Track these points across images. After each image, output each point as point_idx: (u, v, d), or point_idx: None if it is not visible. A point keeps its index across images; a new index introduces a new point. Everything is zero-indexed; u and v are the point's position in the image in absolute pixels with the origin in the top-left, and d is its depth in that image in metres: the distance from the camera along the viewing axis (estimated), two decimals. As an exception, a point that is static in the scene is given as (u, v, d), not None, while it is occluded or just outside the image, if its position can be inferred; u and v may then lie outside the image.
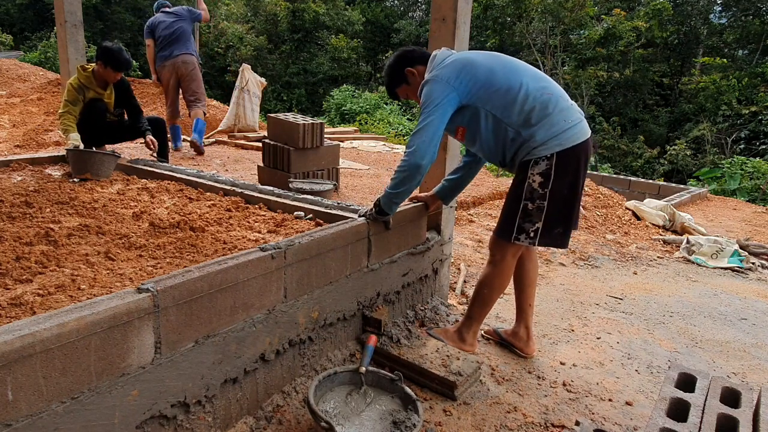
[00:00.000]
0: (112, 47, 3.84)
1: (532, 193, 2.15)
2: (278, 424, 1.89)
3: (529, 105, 2.09)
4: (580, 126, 2.15)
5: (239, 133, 7.65)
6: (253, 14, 23.22)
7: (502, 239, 2.29)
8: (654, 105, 19.50)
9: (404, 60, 2.34)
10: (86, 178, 3.39)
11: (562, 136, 2.10)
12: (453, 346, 2.41)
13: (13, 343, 1.19)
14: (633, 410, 2.19)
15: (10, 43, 18.67)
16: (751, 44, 18.61)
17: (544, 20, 17.44)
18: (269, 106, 20.09)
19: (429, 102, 2.11)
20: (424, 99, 2.14)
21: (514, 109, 2.11)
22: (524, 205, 2.17)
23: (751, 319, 3.22)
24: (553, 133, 2.10)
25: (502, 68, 2.16)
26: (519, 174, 2.20)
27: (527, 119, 2.10)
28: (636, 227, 5.33)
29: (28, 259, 2.01)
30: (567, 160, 2.11)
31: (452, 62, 2.17)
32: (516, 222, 2.20)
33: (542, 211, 2.15)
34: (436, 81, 2.13)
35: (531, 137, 2.11)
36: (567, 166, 2.11)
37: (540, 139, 2.10)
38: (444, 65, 2.18)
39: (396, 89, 2.41)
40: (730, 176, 10.29)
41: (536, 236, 2.19)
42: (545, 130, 2.10)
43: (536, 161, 2.12)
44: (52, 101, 8.28)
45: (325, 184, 4.62)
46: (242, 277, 1.73)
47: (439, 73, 2.15)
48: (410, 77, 2.34)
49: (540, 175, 2.12)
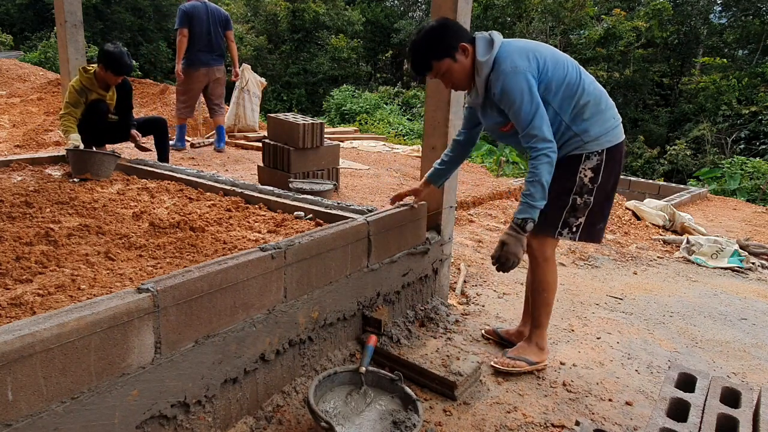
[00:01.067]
0: (114, 51, 3.78)
1: (582, 188, 2.17)
2: (278, 424, 1.89)
3: (584, 99, 2.11)
4: (621, 125, 2.23)
5: (239, 133, 7.65)
6: (253, 14, 23.23)
7: (545, 235, 2.25)
8: (654, 105, 19.51)
9: (458, 32, 2.12)
10: (86, 178, 3.39)
11: (612, 132, 2.16)
12: (538, 359, 2.37)
13: (13, 343, 1.19)
14: (633, 410, 2.19)
15: (10, 43, 18.68)
16: (751, 44, 18.62)
17: (544, 20, 17.45)
18: (269, 106, 20.09)
19: (525, 95, 2.00)
20: (515, 93, 2.01)
21: (572, 102, 2.11)
22: (573, 200, 2.19)
23: (751, 319, 3.22)
24: (606, 129, 2.14)
25: (564, 58, 2.15)
26: (566, 167, 2.16)
27: (580, 113, 2.11)
28: (636, 227, 5.33)
29: (28, 259, 2.01)
30: (615, 156, 2.16)
31: (518, 50, 2.08)
32: (563, 216, 2.20)
33: (588, 206, 2.19)
34: (519, 73, 2.02)
35: (585, 132, 2.12)
36: (614, 162, 2.17)
37: (594, 134, 2.12)
38: (510, 52, 2.06)
39: (436, 62, 2.12)
40: (730, 176, 10.30)
41: (578, 231, 2.23)
42: (599, 126, 2.13)
43: (588, 156, 2.14)
44: (52, 101, 8.28)
45: (325, 184, 4.62)
46: (242, 277, 1.73)
47: (517, 63, 2.03)
48: (460, 54, 2.10)
49: (591, 170, 2.15)
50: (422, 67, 2.17)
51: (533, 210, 2.05)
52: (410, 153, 8.41)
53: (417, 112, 16.63)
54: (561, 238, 2.25)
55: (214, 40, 6.11)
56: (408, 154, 8.27)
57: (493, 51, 2.07)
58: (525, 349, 2.40)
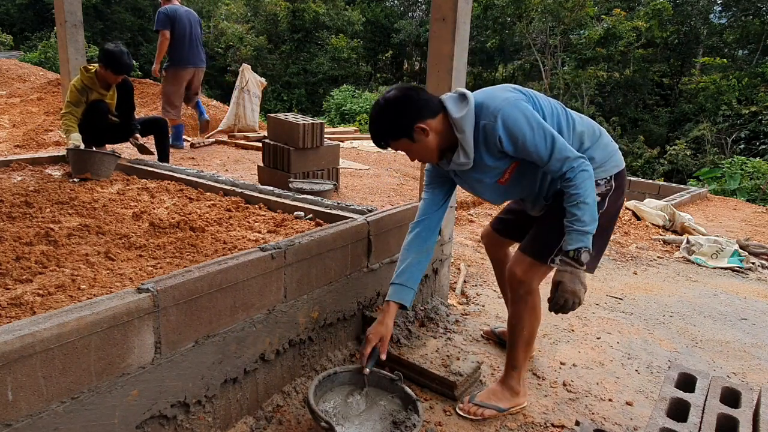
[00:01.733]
0: (114, 50, 3.80)
1: None
2: (278, 424, 1.89)
3: (579, 129, 2.00)
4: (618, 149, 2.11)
5: (239, 133, 7.66)
6: (253, 14, 23.24)
7: (538, 261, 2.02)
8: (654, 105, 19.51)
9: (416, 110, 1.86)
10: (86, 178, 3.39)
11: (615, 157, 2.03)
12: (510, 405, 2.08)
13: (13, 343, 1.19)
14: (633, 410, 2.19)
15: (10, 43, 18.68)
16: (751, 44, 18.62)
17: (544, 20, 17.46)
18: (269, 106, 20.10)
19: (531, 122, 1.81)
20: (522, 125, 1.81)
21: (570, 132, 1.98)
22: None
23: (751, 319, 3.22)
24: (609, 154, 2.01)
25: (544, 96, 2.01)
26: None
27: (581, 143, 1.99)
28: (636, 227, 5.32)
29: (28, 259, 2.01)
30: (621, 181, 2.04)
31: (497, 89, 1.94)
32: (560, 244, 1.94)
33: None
34: (512, 104, 1.84)
35: (591, 159, 1.94)
36: (620, 187, 2.03)
37: (599, 161, 1.98)
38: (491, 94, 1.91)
39: (392, 141, 1.91)
40: (730, 176, 10.29)
41: None
42: (601, 151, 2.00)
43: (596, 183, 1.93)
44: (52, 101, 8.28)
45: (325, 184, 4.62)
46: (242, 277, 1.73)
47: (507, 96, 1.87)
48: (419, 134, 1.87)
49: (599, 196, 1.95)
50: (381, 143, 1.95)
51: (586, 237, 1.81)
52: (410, 153, 8.39)
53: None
54: (553, 265, 1.99)
55: (198, 41, 6.35)
56: (408, 154, 8.25)
57: (469, 103, 1.87)
58: (496, 394, 2.09)
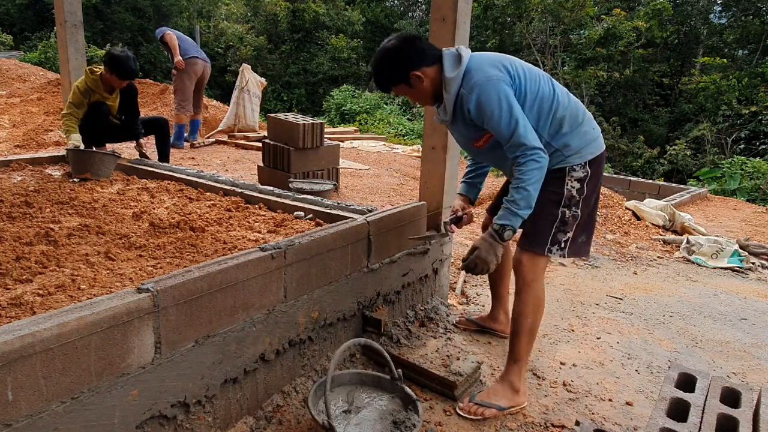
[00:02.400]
0: (120, 55, 3.81)
1: (570, 200, 2.08)
2: (278, 424, 1.89)
3: (561, 113, 2.05)
4: (601, 134, 2.18)
5: (239, 133, 7.66)
6: (253, 14, 23.24)
7: (535, 252, 2.11)
8: (654, 105, 19.49)
9: (410, 57, 2.02)
10: (86, 178, 3.39)
11: (593, 144, 2.10)
12: (510, 404, 2.09)
13: (13, 343, 1.19)
14: (633, 410, 2.19)
15: (10, 43, 18.67)
16: (751, 44, 18.61)
17: (544, 20, 17.44)
18: (269, 106, 20.09)
19: (502, 104, 1.92)
20: (492, 104, 1.92)
21: (549, 117, 2.05)
22: (562, 213, 2.08)
23: (751, 319, 3.22)
24: (587, 141, 2.08)
25: (537, 72, 2.09)
26: (554, 182, 2.08)
27: (558, 128, 2.06)
28: (636, 227, 5.32)
29: (28, 259, 2.01)
30: (598, 166, 2.11)
31: (488, 61, 2.02)
32: (552, 232, 2.09)
33: (576, 219, 2.10)
34: (493, 82, 1.93)
35: (565, 146, 2.06)
36: (597, 172, 2.11)
37: (575, 148, 2.06)
38: (480, 65, 1.99)
39: (393, 86, 2.11)
40: (730, 176, 10.28)
41: (566, 246, 2.12)
42: (578, 139, 2.07)
43: (572, 168, 2.07)
44: (52, 101, 8.28)
45: (325, 184, 4.62)
46: (242, 277, 1.73)
47: (489, 73, 1.96)
48: (415, 81, 2.05)
49: (578, 182, 2.08)
50: (382, 88, 2.15)
51: (515, 218, 1.95)
52: (410, 153, 8.41)
53: (417, 112, 16.61)
54: (551, 255, 2.12)
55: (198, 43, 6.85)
56: (408, 154, 8.28)
57: (461, 66, 1.98)
58: (497, 392, 2.11)
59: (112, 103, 4.04)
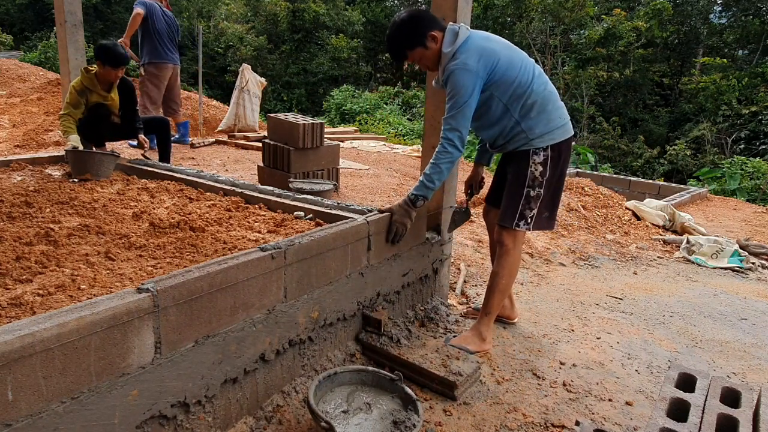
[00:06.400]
0: (106, 43, 3.88)
1: (534, 181, 2.37)
2: (278, 424, 1.89)
3: (532, 100, 2.31)
4: (569, 124, 2.44)
5: (239, 133, 7.66)
6: (253, 14, 23.23)
7: (507, 226, 2.43)
8: (654, 105, 19.49)
9: (425, 22, 2.31)
10: (86, 178, 3.39)
11: (557, 131, 2.36)
12: (477, 349, 2.44)
13: (13, 343, 1.19)
14: (633, 410, 2.19)
15: (10, 43, 18.65)
16: (751, 44, 18.61)
17: (544, 20, 17.45)
18: (269, 106, 20.08)
19: (462, 91, 2.22)
20: (456, 87, 2.22)
21: (520, 101, 2.31)
22: (527, 192, 2.38)
23: (751, 319, 3.22)
24: (551, 128, 2.35)
25: (519, 61, 2.32)
26: (518, 163, 2.39)
27: (527, 112, 2.32)
28: (636, 227, 5.32)
29: (28, 259, 2.01)
30: (560, 152, 2.38)
31: (476, 49, 2.25)
32: (519, 208, 2.39)
33: (540, 198, 2.38)
34: (466, 71, 2.22)
35: (530, 129, 2.33)
36: (559, 157, 2.38)
37: (538, 132, 2.34)
38: (467, 50, 2.24)
39: (409, 51, 2.35)
40: (730, 176, 10.27)
41: (532, 221, 2.41)
42: (544, 125, 2.34)
43: (535, 151, 2.35)
44: (52, 101, 8.28)
45: (325, 184, 4.62)
46: (242, 277, 1.73)
47: (467, 62, 2.22)
48: (430, 42, 2.31)
49: (540, 165, 2.35)
50: (398, 56, 2.39)
51: (428, 191, 2.33)
52: (410, 153, 8.41)
53: (417, 112, 16.62)
54: (518, 229, 2.42)
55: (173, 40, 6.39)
56: (408, 154, 8.28)
57: (455, 44, 2.26)
58: (467, 339, 2.47)
59: (112, 102, 4.03)
